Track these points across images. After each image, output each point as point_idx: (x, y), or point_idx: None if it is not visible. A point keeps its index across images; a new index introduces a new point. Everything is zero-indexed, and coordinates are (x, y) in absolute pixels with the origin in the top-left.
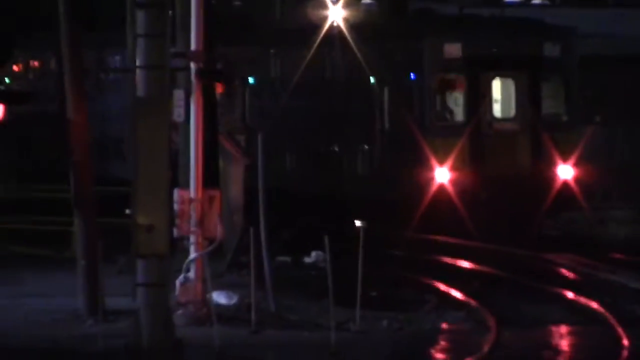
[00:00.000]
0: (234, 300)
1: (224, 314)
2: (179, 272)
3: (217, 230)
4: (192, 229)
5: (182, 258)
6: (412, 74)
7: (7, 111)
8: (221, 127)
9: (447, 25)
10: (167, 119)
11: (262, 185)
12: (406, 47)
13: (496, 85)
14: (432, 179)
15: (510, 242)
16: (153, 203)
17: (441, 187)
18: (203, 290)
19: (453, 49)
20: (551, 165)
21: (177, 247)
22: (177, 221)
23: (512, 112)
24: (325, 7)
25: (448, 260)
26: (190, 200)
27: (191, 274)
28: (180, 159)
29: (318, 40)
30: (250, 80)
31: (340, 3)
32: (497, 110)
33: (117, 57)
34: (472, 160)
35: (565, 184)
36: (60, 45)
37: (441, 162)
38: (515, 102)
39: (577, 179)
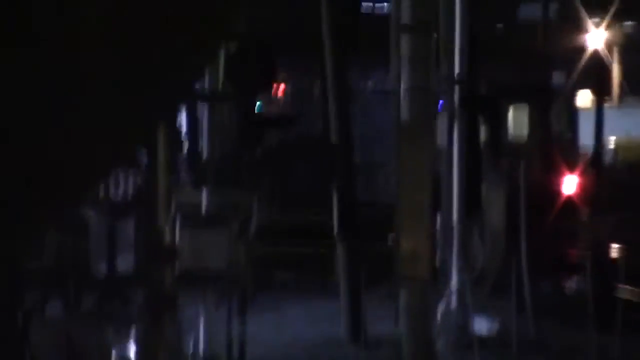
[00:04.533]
0: (495, 326)
1: (485, 340)
2: (440, 298)
3: (480, 255)
4: (454, 255)
5: (444, 284)
6: None
7: (268, 136)
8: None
9: None
10: (433, 143)
11: (523, 210)
12: None
13: None
14: None
15: None
16: (416, 228)
17: None
18: (465, 317)
19: None
20: None
21: (439, 273)
22: (439, 247)
23: None
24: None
25: None
26: (453, 226)
27: (453, 300)
28: (442, 185)
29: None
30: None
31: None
32: None
33: (380, 79)
34: None
35: None
36: (324, 68)
37: None
38: None
39: None
